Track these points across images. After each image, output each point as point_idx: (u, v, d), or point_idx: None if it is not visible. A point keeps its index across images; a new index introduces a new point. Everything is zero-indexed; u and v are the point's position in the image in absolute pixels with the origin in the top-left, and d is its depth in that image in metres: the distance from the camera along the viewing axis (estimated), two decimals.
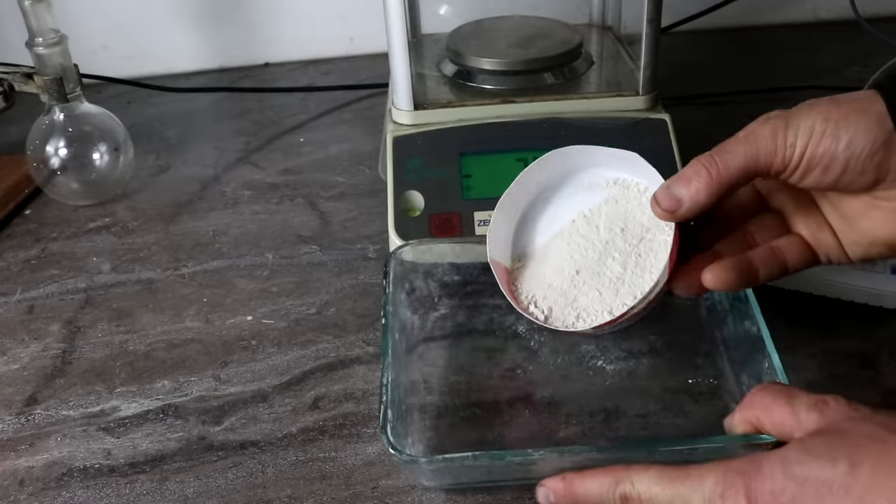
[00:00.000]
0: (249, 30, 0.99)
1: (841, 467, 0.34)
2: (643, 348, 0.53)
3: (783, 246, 0.45)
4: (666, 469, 0.38)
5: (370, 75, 0.94)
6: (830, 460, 0.34)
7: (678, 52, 0.91)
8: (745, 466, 0.36)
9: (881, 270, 0.56)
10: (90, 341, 0.58)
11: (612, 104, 0.62)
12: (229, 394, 0.53)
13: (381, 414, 0.43)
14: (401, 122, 0.62)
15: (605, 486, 0.39)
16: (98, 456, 0.49)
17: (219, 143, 0.84)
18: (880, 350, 0.53)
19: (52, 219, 0.73)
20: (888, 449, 0.34)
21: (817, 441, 0.35)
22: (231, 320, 0.59)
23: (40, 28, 0.67)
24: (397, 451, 0.41)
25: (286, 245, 0.67)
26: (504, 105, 0.62)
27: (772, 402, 0.39)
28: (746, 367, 0.47)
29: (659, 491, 0.37)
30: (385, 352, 0.47)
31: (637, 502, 0.38)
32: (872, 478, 0.33)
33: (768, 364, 0.44)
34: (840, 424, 0.36)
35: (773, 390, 0.39)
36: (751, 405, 0.40)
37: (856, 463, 0.34)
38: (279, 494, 0.46)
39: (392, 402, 0.44)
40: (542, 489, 0.41)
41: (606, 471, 0.39)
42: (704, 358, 0.52)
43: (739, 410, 0.40)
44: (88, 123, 0.72)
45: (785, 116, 0.41)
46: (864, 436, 0.35)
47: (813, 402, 0.37)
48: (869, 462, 0.33)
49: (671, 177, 0.43)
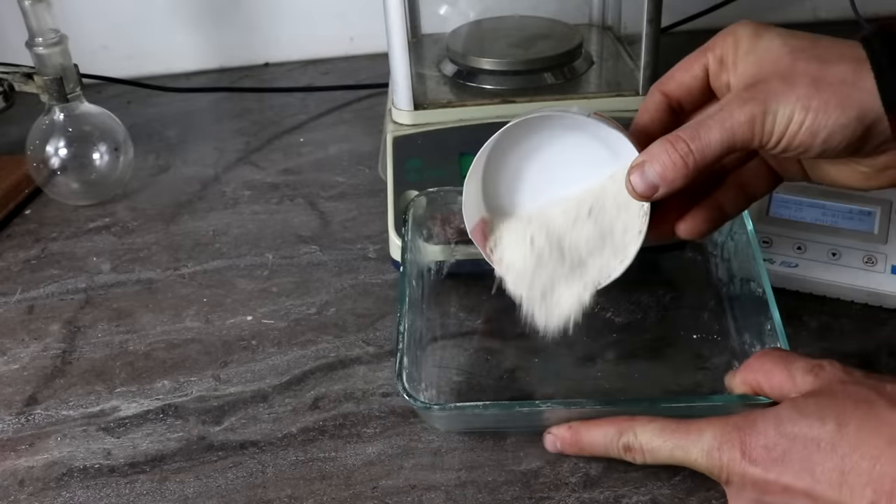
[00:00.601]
0: (249, 30, 0.99)
1: (829, 426, 0.36)
2: (650, 302, 0.56)
3: (749, 177, 0.46)
4: (667, 422, 0.41)
5: (370, 75, 0.94)
6: (819, 419, 0.36)
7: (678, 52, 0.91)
8: (741, 422, 0.38)
9: (881, 270, 0.56)
10: (90, 341, 0.58)
11: (612, 104, 0.62)
12: (229, 394, 0.53)
13: (397, 361, 0.45)
14: (401, 122, 0.62)
15: (609, 436, 0.42)
16: (98, 456, 0.49)
17: (219, 143, 0.84)
18: (880, 350, 0.53)
19: (52, 219, 0.73)
20: (874, 410, 0.36)
21: (809, 401, 0.38)
22: (231, 320, 0.59)
23: (40, 28, 0.67)
24: (412, 398, 0.43)
25: (286, 245, 0.67)
26: (504, 105, 0.62)
27: (772, 367, 0.41)
28: (750, 327, 0.49)
29: (661, 443, 0.40)
30: (402, 299, 0.48)
31: (639, 452, 0.41)
32: (857, 436, 0.35)
33: (770, 326, 0.46)
34: (832, 386, 0.38)
35: (774, 356, 0.41)
36: (751, 369, 0.42)
37: (843, 423, 0.36)
38: (279, 494, 0.46)
39: (408, 349, 0.46)
40: (549, 436, 0.44)
41: (611, 421, 0.42)
42: (710, 314, 0.54)
43: (741, 372, 0.42)
44: (88, 123, 0.72)
45: (763, 100, 0.39)
46: (853, 397, 0.37)
47: (809, 366, 0.40)
48: (855, 422, 0.36)
49: (645, 156, 0.41)
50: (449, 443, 0.48)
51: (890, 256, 0.56)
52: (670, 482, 0.44)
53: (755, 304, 0.48)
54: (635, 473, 0.45)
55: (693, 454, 0.39)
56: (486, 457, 0.47)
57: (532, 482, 0.45)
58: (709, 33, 0.46)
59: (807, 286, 0.57)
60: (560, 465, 0.46)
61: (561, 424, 0.44)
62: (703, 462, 0.39)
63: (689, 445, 0.39)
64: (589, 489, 0.45)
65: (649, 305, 0.56)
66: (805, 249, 0.57)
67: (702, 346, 0.53)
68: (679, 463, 0.40)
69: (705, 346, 0.53)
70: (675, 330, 0.54)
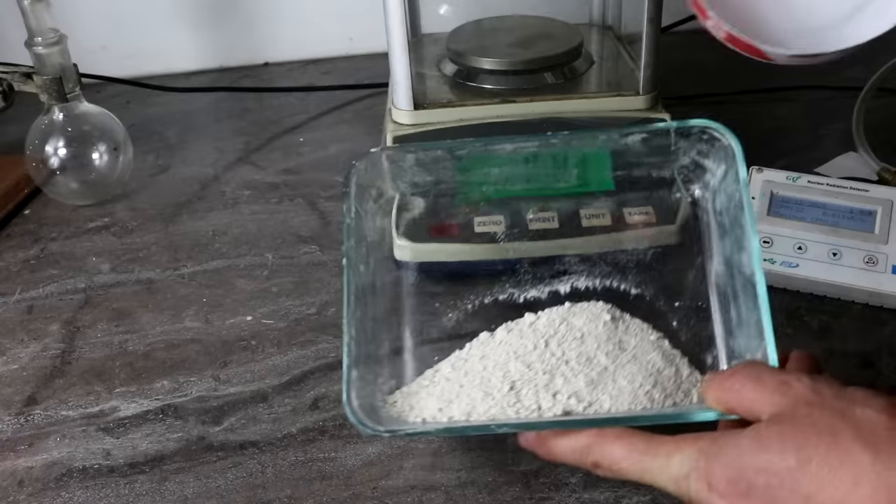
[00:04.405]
0: (249, 30, 0.99)
1: (790, 461, 0.34)
2: (631, 261, 0.50)
3: None
4: (636, 440, 0.39)
5: (370, 75, 0.94)
6: (780, 453, 0.34)
7: (678, 52, 0.91)
8: (707, 449, 0.37)
9: (881, 270, 0.56)
10: (89, 341, 0.58)
11: (612, 104, 0.62)
12: (229, 394, 0.53)
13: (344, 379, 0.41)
14: (401, 121, 0.62)
15: (577, 450, 0.40)
16: (97, 456, 0.49)
17: (218, 143, 0.84)
18: (880, 350, 0.53)
19: (52, 219, 0.73)
20: (838, 442, 0.33)
21: (771, 431, 0.35)
22: (231, 320, 0.59)
23: (39, 28, 0.67)
24: (362, 424, 0.40)
25: (286, 245, 0.67)
26: (504, 105, 0.62)
27: (742, 386, 0.38)
28: (739, 306, 0.45)
29: (628, 465, 0.38)
30: (348, 298, 0.44)
31: (608, 471, 0.39)
32: (819, 475, 0.33)
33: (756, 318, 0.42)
34: (796, 410, 0.36)
35: (745, 374, 0.39)
36: (724, 388, 0.39)
37: (804, 459, 0.34)
38: (279, 495, 0.46)
39: (358, 354, 0.43)
40: (521, 436, 0.42)
41: (579, 434, 0.40)
42: (696, 275, 0.49)
43: (713, 390, 0.40)
44: (88, 123, 0.72)
45: None
46: (817, 426, 0.34)
47: (777, 383, 0.37)
48: (817, 458, 0.33)
49: None
50: (449, 443, 0.48)
51: (890, 256, 0.56)
52: None
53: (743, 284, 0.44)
54: None
55: (661, 480, 0.38)
56: (486, 457, 0.47)
57: (532, 482, 0.45)
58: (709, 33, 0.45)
59: (807, 286, 0.57)
60: (560, 465, 0.46)
61: (530, 433, 0.42)
62: (672, 489, 0.38)
63: (656, 471, 0.38)
64: (589, 489, 0.44)
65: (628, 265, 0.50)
66: (805, 249, 0.57)
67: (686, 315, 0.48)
68: (648, 484, 0.39)
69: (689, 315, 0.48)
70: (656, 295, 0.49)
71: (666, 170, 0.50)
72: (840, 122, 0.76)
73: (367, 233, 0.49)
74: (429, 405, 0.44)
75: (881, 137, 0.72)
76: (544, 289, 0.50)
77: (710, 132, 0.47)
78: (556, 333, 0.46)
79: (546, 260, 0.50)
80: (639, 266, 0.49)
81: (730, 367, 0.41)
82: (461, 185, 0.52)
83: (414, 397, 0.45)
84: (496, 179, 0.51)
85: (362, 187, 0.49)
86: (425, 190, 0.51)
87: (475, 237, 0.54)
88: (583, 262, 0.50)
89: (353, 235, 0.46)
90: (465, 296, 0.50)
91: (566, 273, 0.49)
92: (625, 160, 0.50)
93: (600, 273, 0.49)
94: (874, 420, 0.34)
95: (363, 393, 0.42)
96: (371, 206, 0.50)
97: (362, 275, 0.47)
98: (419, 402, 0.44)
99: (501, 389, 0.44)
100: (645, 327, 0.46)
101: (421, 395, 0.45)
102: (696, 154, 0.48)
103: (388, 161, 0.50)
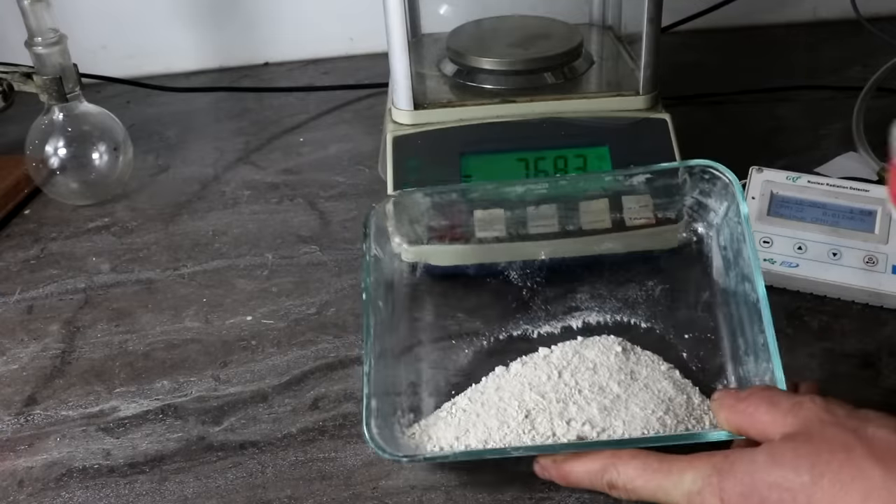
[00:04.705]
0: (249, 29, 0.99)
1: (804, 477, 0.34)
2: (640, 296, 0.52)
3: None
4: (650, 460, 0.40)
5: (370, 75, 0.94)
6: (794, 469, 0.35)
7: (678, 52, 0.91)
8: (721, 464, 0.37)
9: (881, 270, 0.56)
10: (89, 341, 0.58)
11: (612, 104, 0.62)
12: (229, 394, 0.53)
13: (364, 407, 0.43)
14: (401, 121, 0.62)
15: (593, 473, 0.41)
16: (97, 456, 0.49)
17: (218, 143, 0.84)
18: (880, 350, 0.53)
19: (52, 219, 0.73)
20: (851, 459, 0.34)
21: (786, 447, 0.36)
22: (231, 320, 0.59)
23: (39, 27, 0.67)
24: (380, 450, 0.42)
25: (286, 245, 0.67)
26: (504, 105, 0.62)
27: (755, 410, 0.39)
28: (745, 333, 0.47)
29: (642, 483, 0.40)
30: (367, 331, 0.46)
31: (623, 491, 0.40)
32: (831, 491, 0.34)
33: (763, 340, 0.44)
34: (811, 427, 0.36)
35: (759, 398, 0.40)
36: (736, 410, 0.40)
37: (817, 475, 0.34)
38: (279, 495, 0.46)
39: (377, 380, 0.45)
40: (538, 466, 0.44)
41: (594, 457, 0.41)
42: (704, 309, 0.51)
43: (725, 411, 0.41)
44: (88, 123, 0.72)
45: None
46: (830, 443, 0.35)
47: (790, 405, 0.38)
48: (830, 474, 0.34)
49: None
50: None
51: (890, 256, 0.56)
52: None
53: (749, 311, 0.46)
54: None
55: (674, 497, 0.39)
56: None
57: (532, 482, 0.45)
58: (709, 33, 0.45)
59: (807, 286, 0.57)
60: None
61: (548, 456, 0.43)
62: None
63: (670, 487, 0.39)
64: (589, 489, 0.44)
65: (638, 301, 0.53)
66: (805, 249, 0.57)
67: (695, 345, 0.50)
68: (662, 502, 0.40)
69: (699, 345, 0.50)
70: (666, 328, 0.51)
71: (671, 210, 0.52)
72: (840, 122, 0.76)
73: (385, 273, 0.52)
74: (446, 435, 0.46)
75: (881, 137, 0.71)
76: (557, 324, 0.52)
77: (710, 171, 0.50)
78: (568, 365, 0.48)
79: (557, 297, 0.53)
80: (648, 301, 0.52)
81: (742, 389, 0.42)
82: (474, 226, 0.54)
83: (432, 428, 0.46)
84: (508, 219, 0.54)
85: (381, 229, 0.52)
86: (441, 234, 0.54)
87: (476, 239, 0.55)
88: (593, 298, 0.52)
89: (372, 273, 0.49)
90: (481, 332, 0.53)
91: (578, 309, 0.52)
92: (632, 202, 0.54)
93: (611, 308, 0.52)
94: (886, 439, 0.34)
95: (381, 423, 0.44)
96: (389, 248, 0.53)
97: (381, 311, 0.49)
98: (437, 432, 0.46)
99: (517, 418, 0.45)
100: (656, 359, 0.48)
101: (439, 426, 0.46)
102: (699, 193, 0.51)
103: (404, 203, 0.53)
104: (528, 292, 0.54)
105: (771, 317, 0.44)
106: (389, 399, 0.47)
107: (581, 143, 0.60)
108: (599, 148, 0.60)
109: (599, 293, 0.53)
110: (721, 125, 0.81)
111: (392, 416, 0.47)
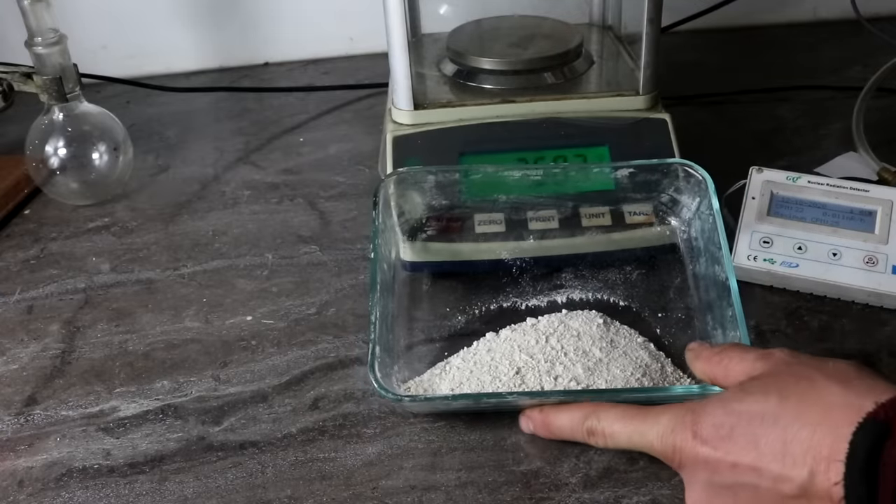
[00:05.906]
0: (249, 29, 0.99)
1: (772, 400, 0.38)
2: (619, 279, 0.57)
3: None
4: (629, 408, 0.44)
5: (370, 75, 0.94)
6: (763, 394, 0.38)
7: (678, 52, 0.91)
8: (694, 406, 0.41)
9: (881, 270, 0.56)
10: (89, 341, 0.58)
11: (612, 104, 0.62)
12: (229, 394, 0.53)
13: (369, 352, 0.47)
14: (401, 121, 0.62)
15: (574, 420, 0.45)
16: (97, 456, 0.49)
17: (218, 143, 0.84)
18: (880, 350, 0.53)
19: (52, 219, 0.73)
20: (814, 384, 0.38)
21: (755, 383, 0.40)
22: (231, 320, 0.59)
23: (39, 27, 0.67)
24: (383, 389, 0.45)
25: (286, 245, 0.67)
26: (504, 105, 0.62)
27: (728, 361, 0.43)
28: (714, 310, 0.51)
29: (620, 427, 0.43)
30: (374, 286, 0.50)
31: (601, 436, 0.44)
32: (798, 408, 0.37)
33: (731, 312, 0.48)
34: (778, 368, 0.40)
35: (733, 352, 0.43)
36: (712, 363, 0.44)
37: (784, 396, 0.38)
38: (279, 495, 0.46)
39: (380, 338, 0.48)
40: (523, 418, 0.47)
41: (578, 406, 0.45)
42: (676, 292, 0.56)
43: (702, 362, 0.45)
44: (88, 123, 0.72)
45: None
46: (795, 375, 0.39)
47: (760, 353, 0.42)
48: (795, 396, 0.38)
49: None
50: (449, 443, 0.48)
51: (890, 256, 0.56)
52: (670, 482, 0.44)
53: (718, 290, 0.51)
54: (635, 474, 0.45)
55: (649, 437, 0.41)
56: (486, 457, 0.47)
57: (532, 482, 0.45)
58: (709, 33, 0.46)
59: (807, 286, 0.57)
60: (560, 465, 0.46)
61: (534, 408, 0.47)
62: (658, 445, 0.41)
63: (646, 430, 0.42)
64: (589, 489, 0.44)
65: (616, 283, 0.57)
66: (805, 249, 0.57)
67: (668, 324, 0.54)
68: (637, 448, 0.43)
69: (671, 324, 0.54)
70: (641, 307, 0.55)
71: (648, 205, 0.58)
72: (840, 122, 0.76)
73: (389, 241, 0.56)
74: (441, 388, 0.50)
75: (881, 137, 0.72)
76: (544, 298, 0.57)
77: (685, 169, 0.55)
78: (555, 332, 0.52)
79: (544, 275, 0.58)
80: (626, 283, 0.57)
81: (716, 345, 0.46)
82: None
83: (426, 384, 0.50)
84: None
85: (387, 203, 0.56)
86: (440, 212, 0.58)
87: (476, 238, 0.57)
88: (577, 277, 0.58)
89: (379, 237, 0.53)
90: (473, 302, 0.57)
91: (563, 286, 0.57)
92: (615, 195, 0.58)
93: (592, 287, 0.57)
94: (845, 369, 0.39)
95: (383, 374, 0.47)
96: (392, 221, 0.57)
97: (385, 272, 0.53)
98: (432, 387, 0.50)
99: (508, 374, 0.49)
100: (633, 332, 0.53)
101: (433, 382, 0.50)
102: (674, 191, 0.57)
103: (411, 180, 0.57)
104: (518, 270, 0.58)
105: (738, 290, 0.48)
106: (387, 357, 0.50)
107: (581, 142, 0.60)
108: (599, 148, 0.60)
109: (582, 274, 0.58)
110: (721, 125, 0.81)
111: (390, 370, 0.50)
